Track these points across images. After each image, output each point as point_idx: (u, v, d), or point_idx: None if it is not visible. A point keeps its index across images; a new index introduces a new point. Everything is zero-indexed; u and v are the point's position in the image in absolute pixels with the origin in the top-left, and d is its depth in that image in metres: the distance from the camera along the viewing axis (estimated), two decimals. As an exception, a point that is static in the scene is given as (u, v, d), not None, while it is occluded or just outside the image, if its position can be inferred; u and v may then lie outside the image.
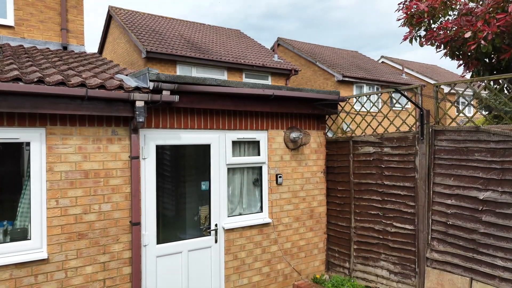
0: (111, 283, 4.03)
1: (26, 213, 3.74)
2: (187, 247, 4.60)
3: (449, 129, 4.35)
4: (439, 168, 4.47)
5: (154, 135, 4.35)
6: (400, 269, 4.92)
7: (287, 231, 5.48)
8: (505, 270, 3.80)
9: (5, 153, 3.70)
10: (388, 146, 5.07)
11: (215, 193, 4.84)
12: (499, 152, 3.89)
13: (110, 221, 4.03)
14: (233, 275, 4.94)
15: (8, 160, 3.78)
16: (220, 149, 4.87)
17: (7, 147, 3.67)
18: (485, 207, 4.01)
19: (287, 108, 5.24)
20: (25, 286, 3.58)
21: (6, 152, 3.70)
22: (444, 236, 4.38)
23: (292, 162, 5.55)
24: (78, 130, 3.86)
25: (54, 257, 3.73)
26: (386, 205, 5.10)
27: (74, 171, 3.84)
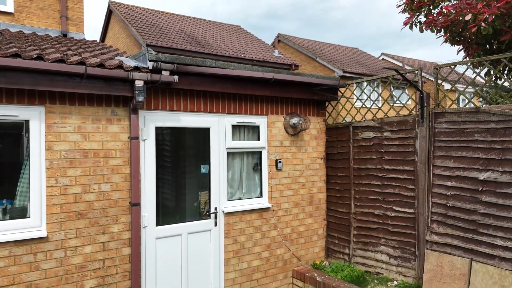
0: (110, 263, 4.03)
1: (25, 192, 3.73)
2: (187, 229, 4.59)
3: (449, 111, 4.34)
4: (439, 150, 4.46)
5: (153, 117, 4.34)
6: (399, 253, 4.92)
7: (287, 217, 5.47)
8: (505, 249, 3.80)
9: (5, 133, 3.70)
10: (388, 130, 5.06)
11: (214, 177, 4.83)
12: (500, 132, 3.88)
13: (109, 202, 4.03)
14: (233, 258, 4.94)
15: (8, 140, 3.77)
16: (219, 133, 4.87)
17: (7, 127, 3.67)
18: (485, 188, 4.00)
19: (287, 92, 5.23)
20: (25, 264, 3.58)
21: (5, 132, 3.70)
22: (444, 218, 4.38)
23: (292, 148, 5.54)
24: (77, 110, 3.86)
25: (54, 235, 3.72)
26: (386, 190, 5.10)
27: (74, 151, 3.84)
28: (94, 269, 3.93)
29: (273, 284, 5.31)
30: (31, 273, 3.61)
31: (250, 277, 5.08)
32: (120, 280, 4.08)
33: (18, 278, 3.55)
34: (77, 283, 3.84)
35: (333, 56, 19.65)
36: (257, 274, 5.15)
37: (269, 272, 5.26)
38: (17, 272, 3.54)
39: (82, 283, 3.86)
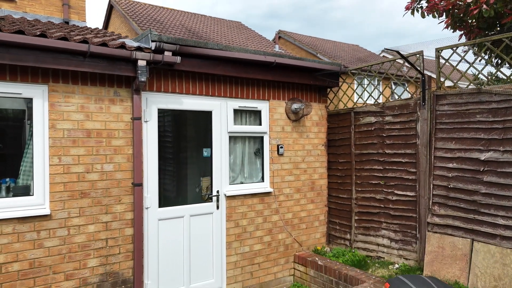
0: (113, 243, 4.05)
1: (28, 171, 3.75)
2: (189, 211, 4.61)
3: (451, 93, 4.35)
4: (440, 132, 4.47)
5: (156, 99, 4.36)
6: (401, 236, 4.93)
7: (288, 202, 5.49)
8: (506, 228, 3.81)
9: (8, 111, 3.72)
10: (390, 114, 5.07)
11: (216, 160, 4.85)
12: (501, 112, 3.90)
13: (112, 182, 4.05)
14: (235, 242, 4.96)
15: (11, 119, 3.79)
16: (221, 117, 4.88)
17: (10, 106, 3.68)
18: (486, 168, 4.02)
19: (289, 77, 5.24)
20: (28, 241, 3.59)
21: (9, 110, 3.72)
22: (445, 200, 4.39)
23: (294, 133, 5.55)
24: (80, 89, 3.87)
25: (57, 214, 3.74)
26: (387, 174, 5.11)
27: (77, 130, 3.85)
28: (97, 248, 3.95)
29: (275, 269, 5.32)
30: (34, 250, 3.63)
31: (252, 260, 5.10)
32: (123, 260, 4.10)
33: (21, 255, 3.57)
34: (80, 261, 3.86)
35: (333, 53, 19.64)
36: (258, 258, 5.16)
37: (270, 257, 5.28)
38: (20, 249, 3.56)
39: (85, 262, 3.88)
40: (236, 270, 4.97)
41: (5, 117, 3.73)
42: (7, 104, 3.67)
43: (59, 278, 3.74)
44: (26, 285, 3.58)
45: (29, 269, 3.60)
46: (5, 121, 3.76)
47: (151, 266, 4.31)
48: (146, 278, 4.27)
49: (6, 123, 3.76)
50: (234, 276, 4.95)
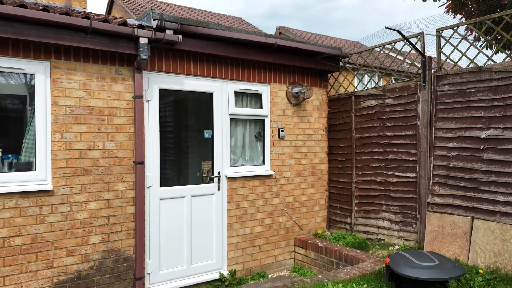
0: (115, 220, 4.07)
1: (31, 148, 3.77)
2: (190, 192, 4.63)
3: (451, 73, 4.37)
4: (440, 113, 4.49)
5: (157, 78, 4.37)
6: (401, 218, 4.95)
7: (289, 185, 5.51)
8: (506, 204, 3.83)
9: (11, 89, 3.73)
10: (390, 97, 5.09)
11: (217, 142, 4.86)
12: (501, 89, 3.91)
13: (114, 160, 4.06)
14: (236, 223, 4.98)
15: (13, 96, 3.81)
16: (222, 99, 4.89)
17: (14, 82, 3.70)
18: (486, 146, 4.03)
19: (290, 60, 5.25)
20: (30, 216, 3.61)
21: (11, 88, 3.73)
22: (446, 180, 4.41)
23: (294, 117, 5.57)
24: (82, 66, 3.89)
25: (59, 190, 3.76)
26: (387, 156, 5.13)
27: (79, 107, 3.87)
28: (99, 225, 3.97)
29: (275, 251, 5.35)
30: (36, 225, 3.65)
31: (253, 242, 5.12)
32: (124, 237, 4.12)
33: (23, 229, 3.59)
34: (82, 238, 3.88)
35: (334, 47, 19.61)
36: (259, 240, 5.18)
37: (271, 239, 5.30)
38: (23, 224, 3.58)
39: (87, 238, 3.90)
40: (237, 251, 4.99)
41: (7, 94, 3.75)
42: (10, 81, 3.69)
43: (61, 254, 3.77)
44: (29, 259, 3.60)
45: (31, 244, 3.62)
46: (8, 99, 3.77)
47: (153, 245, 4.33)
48: (148, 256, 4.30)
49: (7, 99, 3.78)
50: (235, 257, 4.97)
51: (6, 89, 3.73)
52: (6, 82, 3.67)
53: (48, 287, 3.69)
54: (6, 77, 3.64)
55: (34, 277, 3.63)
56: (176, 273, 4.49)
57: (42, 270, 3.67)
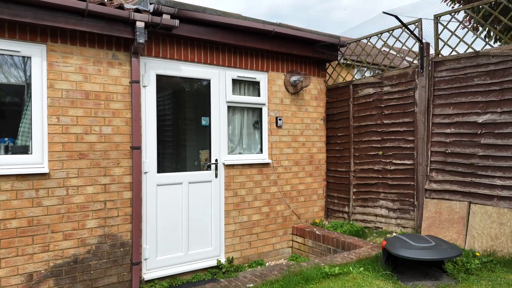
0: (112, 205, 4.06)
1: (27, 132, 3.76)
2: (188, 178, 4.62)
3: (449, 59, 4.36)
4: (438, 99, 4.48)
5: (154, 64, 4.37)
6: (399, 205, 4.95)
7: (287, 174, 5.50)
8: (503, 188, 3.82)
9: (7, 71, 3.72)
10: (388, 85, 5.08)
11: (215, 129, 4.86)
12: (499, 73, 3.90)
13: (110, 144, 4.06)
14: (233, 211, 4.97)
15: (10, 80, 3.80)
16: (220, 86, 4.88)
17: (9, 65, 3.69)
18: (484, 130, 4.03)
19: (288, 48, 5.24)
20: (26, 199, 3.61)
21: (8, 71, 3.72)
22: (443, 166, 4.40)
23: (292, 106, 5.56)
24: (78, 50, 3.88)
25: (55, 173, 3.76)
26: (385, 144, 5.12)
27: (75, 91, 3.86)
28: (95, 210, 3.96)
29: (273, 240, 5.34)
30: (32, 208, 3.64)
31: (250, 230, 5.12)
32: (121, 223, 4.11)
33: (20, 212, 3.58)
34: (79, 222, 3.87)
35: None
36: (257, 228, 5.18)
37: (269, 228, 5.30)
38: (19, 207, 3.57)
39: (83, 223, 3.90)
40: (235, 239, 4.98)
41: (3, 78, 3.73)
42: (7, 64, 3.67)
43: (57, 237, 3.76)
44: (25, 242, 3.60)
45: (28, 227, 3.62)
46: (4, 83, 3.76)
47: (150, 231, 4.33)
48: (145, 242, 4.29)
49: (4, 84, 3.76)
50: (233, 245, 4.96)
51: (2, 72, 3.71)
52: (2, 65, 3.66)
53: (45, 270, 3.69)
54: (2, 60, 3.63)
55: (30, 260, 3.62)
56: (173, 260, 4.48)
57: (38, 254, 3.66)
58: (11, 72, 3.75)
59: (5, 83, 3.73)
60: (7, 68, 3.70)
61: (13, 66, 3.73)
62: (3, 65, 3.66)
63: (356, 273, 3.44)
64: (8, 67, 3.70)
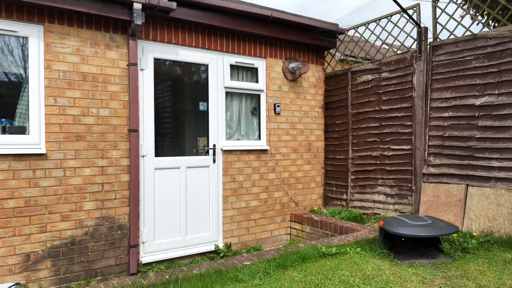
0: (109, 188, 4.06)
1: (24, 114, 3.76)
2: (186, 163, 4.62)
3: (447, 42, 4.35)
4: (436, 83, 4.48)
5: (152, 48, 4.36)
6: (396, 191, 4.95)
7: (285, 161, 5.50)
8: (500, 170, 3.82)
9: (4, 52, 3.71)
10: (386, 70, 5.07)
11: (213, 115, 4.85)
12: (496, 55, 3.90)
13: (108, 127, 4.06)
14: (231, 196, 4.97)
15: (7, 61, 3.79)
16: (218, 71, 4.88)
17: (6, 45, 3.69)
18: (481, 113, 4.02)
19: (286, 34, 5.24)
20: (24, 179, 3.61)
21: (5, 52, 3.71)
22: (441, 149, 4.40)
23: (291, 93, 5.56)
24: (75, 32, 3.87)
25: (53, 154, 3.75)
26: (383, 130, 5.12)
27: (72, 72, 3.86)
28: (93, 192, 3.96)
29: (271, 226, 5.34)
30: (30, 189, 3.64)
31: (248, 216, 5.12)
32: (119, 205, 4.11)
33: (17, 192, 3.58)
34: (76, 203, 3.87)
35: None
36: (255, 214, 5.18)
37: (267, 214, 5.30)
38: (16, 187, 3.57)
39: (81, 204, 3.90)
40: (233, 224, 4.98)
41: (1, 59, 3.73)
42: (4, 45, 3.67)
43: (55, 218, 3.76)
44: (22, 222, 3.60)
45: (25, 207, 3.62)
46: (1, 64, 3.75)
47: (147, 215, 4.33)
48: (142, 225, 4.29)
49: (1, 65, 3.76)
50: (231, 230, 4.97)
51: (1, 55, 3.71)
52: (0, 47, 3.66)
53: (42, 251, 3.69)
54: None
55: (28, 241, 3.62)
56: (171, 244, 4.48)
57: (35, 234, 3.66)
58: (8, 53, 3.75)
59: (2, 64, 3.72)
60: (4, 48, 3.69)
61: (11, 47, 3.72)
62: (0, 45, 3.65)
63: (353, 253, 3.44)
64: (5, 48, 3.70)
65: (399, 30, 4.98)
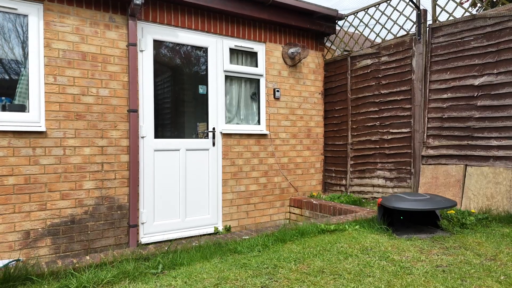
0: (109, 168, 4.07)
1: (24, 93, 3.77)
2: (185, 145, 4.63)
3: (446, 24, 4.36)
4: (435, 65, 4.48)
5: (151, 29, 4.37)
6: (396, 174, 4.95)
7: (284, 146, 5.51)
8: (499, 148, 3.83)
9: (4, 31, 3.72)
10: (386, 54, 5.08)
11: (212, 98, 4.86)
12: (495, 35, 3.90)
13: (107, 107, 4.07)
14: (231, 180, 4.98)
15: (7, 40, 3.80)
16: (217, 55, 4.89)
17: (6, 23, 3.69)
18: (480, 93, 4.03)
19: (285, 19, 5.24)
20: (23, 157, 3.62)
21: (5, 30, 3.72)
22: (440, 131, 4.41)
23: (290, 79, 5.56)
24: (75, 11, 3.88)
25: (52, 132, 3.76)
26: (382, 114, 5.12)
27: (72, 51, 3.87)
28: (92, 171, 3.98)
29: (270, 211, 5.36)
30: (29, 166, 3.65)
31: (248, 200, 5.13)
32: (118, 186, 4.13)
33: (17, 169, 3.59)
34: (76, 182, 3.89)
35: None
36: (254, 198, 5.19)
37: (266, 198, 5.31)
38: (16, 164, 3.59)
39: (81, 183, 3.91)
40: (232, 208, 5.00)
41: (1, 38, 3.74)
42: (4, 24, 3.68)
43: (54, 197, 3.77)
44: (22, 199, 3.61)
45: (25, 185, 3.63)
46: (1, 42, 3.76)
47: (147, 196, 4.34)
48: (142, 206, 4.31)
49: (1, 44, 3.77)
50: (230, 213, 4.98)
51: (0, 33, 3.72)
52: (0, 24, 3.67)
53: (42, 228, 3.70)
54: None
55: (27, 218, 3.64)
56: (170, 225, 4.50)
57: (35, 212, 3.68)
58: (7, 31, 3.75)
59: (2, 42, 3.73)
60: (4, 26, 3.70)
61: (10, 25, 3.73)
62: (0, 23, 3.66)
63: (351, 230, 3.45)
64: (5, 26, 3.70)
65: (399, 14, 4.98)
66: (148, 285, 2.26)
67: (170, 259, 2.62)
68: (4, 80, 3.77)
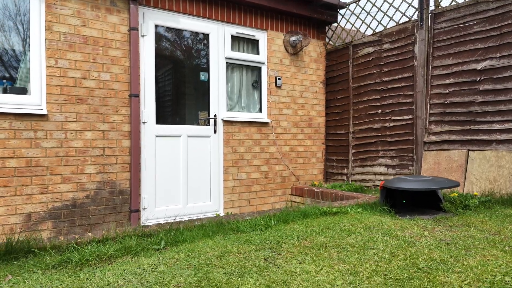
0: (110, 152, 4.06)
1: (25, 76, 3.76)
2: (187, 132, 4.62)
3: (449, 9, 4.34)
4: (438, 51, 4.47)
5: (153, 14, 4.36)
6: (397, 162, 4.94)
7: (286, 135, 5.50)
8: (502, 132, 3.82)
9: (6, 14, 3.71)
10: (388, 41, 5.06)
11: (213, 85, 4.85)
12: (498, 18, 3.89)
13: (109, 91, 4.05)
14: (232, 167, 4.97)
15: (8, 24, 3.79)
16: (219, 41, 4.88)
17: (8, 6, 3.68)
18: (483, 77, 4.02)
19: (286, 6, 5.23)
20: (25, 139, 3.61)
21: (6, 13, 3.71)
22: (442, 117, 4.39)
23: (292, 67, 5.55)
24: (77, -6, 3.87)
25: (54, 116, 3.75)
26: (384, 102, 5.11)
27: (73, 34, 3.86)
28: (94, 155, 3.97)
29: (272, 199, 5.35)
30: (31, 149, 3.64)
31: (249, 188, 5.12)
32: (120, 170, 4.12)
33: (18, 152, 3.58)
34: (78, 166, 3.88)
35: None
36: (256, 186, 5.18)
37: (267, 187, 5.30)
38: (17, 146, 3.58)
39: (82, 167, 3.90)
40: (233, 195, 4.99)
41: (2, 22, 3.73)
42: (4, 6, 3.66)
43: (56, 180, 3.76)
44: (23, 182, 3.60)
45: (26, 167, 3.62)
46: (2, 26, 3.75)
47: (148, 181, 4.33)
48: (143, 192, 4.30)
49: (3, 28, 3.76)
50: (231, 201, 4.97)
51: (1, 16, 3.70)
52: (1, 7, 3.65)
53: (43, 212, 3.70)
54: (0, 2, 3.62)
55: (29, 201, 3.63)
56: (172, 211, 4.49)
57: (36, 195, 3.67)
58: (9, 13, 3.74)
59: (3, 24, 3.72)
60: (5, 8, 3.69)
61: (11, 6, 3.72)
62: (1, 5, 3.65)
63: (354, 212, 3.44)
64: (6, 7, 3.69)
65: (401, 0, 4.96)
66: (151, 259, 2.26)
67: (173, 236, 2.62)
68: (5, 62, 3.76)
